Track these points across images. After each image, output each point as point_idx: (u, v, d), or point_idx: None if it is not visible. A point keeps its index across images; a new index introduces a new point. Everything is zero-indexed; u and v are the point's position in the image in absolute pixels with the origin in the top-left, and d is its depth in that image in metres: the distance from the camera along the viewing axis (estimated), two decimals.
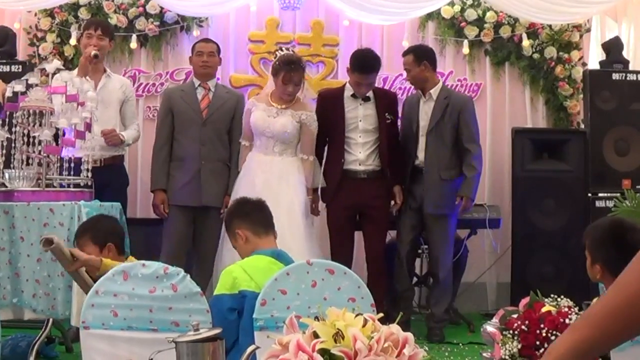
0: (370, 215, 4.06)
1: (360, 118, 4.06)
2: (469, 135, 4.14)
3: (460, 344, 3.92)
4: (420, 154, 4.13)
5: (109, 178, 3.67)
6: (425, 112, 4.15)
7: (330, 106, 4.09)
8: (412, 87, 4.38)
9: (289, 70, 3.83)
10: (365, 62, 4.03)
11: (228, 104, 4.10)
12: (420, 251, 4.40)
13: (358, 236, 4.26)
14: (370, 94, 4.09)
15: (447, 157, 4.11)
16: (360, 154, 4.04)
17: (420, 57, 4.15)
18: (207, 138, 4.01)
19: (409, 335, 1.33)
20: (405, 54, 4.25)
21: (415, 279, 4.44)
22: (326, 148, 4.14)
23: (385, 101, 4.12)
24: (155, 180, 4.06)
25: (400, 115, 4.28)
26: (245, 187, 3.86)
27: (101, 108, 3.78)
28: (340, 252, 3.94)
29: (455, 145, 4.11)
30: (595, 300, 2.08)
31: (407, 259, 4.20)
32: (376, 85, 4.88)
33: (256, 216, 2.49)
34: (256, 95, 4.26)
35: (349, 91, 4.11)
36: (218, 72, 4.85)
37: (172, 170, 4.04)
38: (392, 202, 4.12)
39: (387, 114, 4.08)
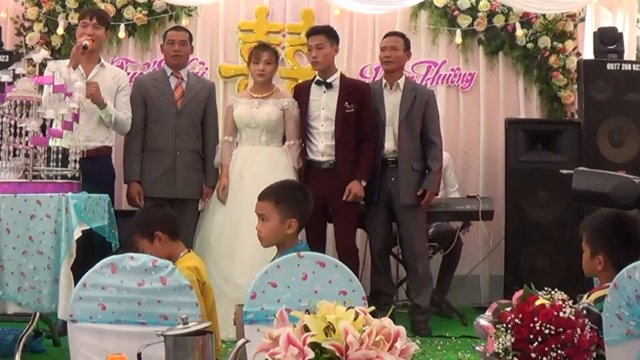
0: (336, 208, 4.00)
1: (323, 106, 4.02)
2: (434, 128, 4.15)
3: (453, 338, 3.90)
4: (388, 145, 4.08)
5: (92, 170, 3.59)
6: (392, 102, 4.11)
7: (299, 96, 4.09)
8: (384, 69, 4.22)
9: (258, 49, 3.99)
10: (312, 27, 4.17)
11: (201, 94, 4.06)
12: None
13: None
14: (336, 82, 4.04)
15: (417, 149, 4.10)
16: (322, 143, 4.00)
17: (407, 45, 4.18)
18: (182, 129, 3.97)
19: (401, 328, 1.31)
20: (394, 34, 4.24)
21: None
22: None
23: (348, 89, 4.03)
24: (129, 171, 3.99)
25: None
26: (233, 177, 3.91)
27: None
28: (309, 243, 3.88)
29: (420, 137, 4.11)
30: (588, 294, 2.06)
31: (381, 255, 4.16)
32: (366, 74, 4.86)
33: (308, 216, 2.44)
34: (237, 93, 4.32)
35: (316, 80, 4.08)
36: (207, 62, 4.84)
37: (146, 161, 3.97)
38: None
39: (347, 103, 3.99)
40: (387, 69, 4.15)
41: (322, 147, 4.00)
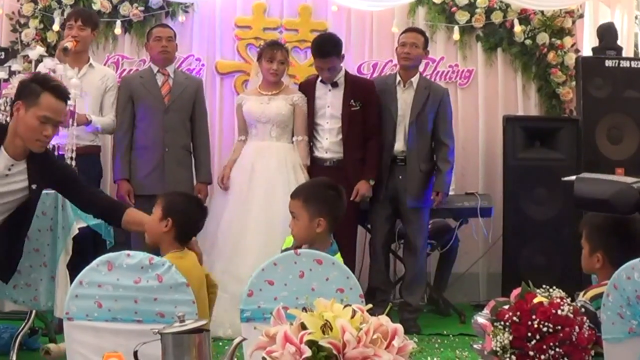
0: None
1: (328, 104, 4.04)
2: (446, 129, 4.13)
3: (451, 335, 3.90)
4: (398, 144, 4.07)
5: (79, 168, 3.55)
6: (405, 100, 4.10)
7: (304, 94, 4.09)
8: (400, 66, 4.19)
9: (272, 48, 3.97)
10: (321, 46, 4.05)
11: (188, 90, 4.07)
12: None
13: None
14: (341, 80, 4.05)
15: (426, 149, 4.09)
16: (327, 140, 4.01)
17: (426, 44, 4.17)
18: (170, 125, 3.97)
19: (399, 326, 1.30)
20: (414, 30, 4.22)
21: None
22: None
23: (353, 88, 4.04)
24: (117, 170, 3.99)
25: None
26: (242, 172, 3.93)
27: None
28: None
29: (431, 137, 4.09)
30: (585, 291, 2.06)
31: (382, 252, 4.15)
32: (364, 71, 4.85)
33: (340, 216, 2.41)
34: (244, 91, 4.34)
35: (321, 78, 4.09)
36: (203, 58, 4.82)
37: (135, 159, 3.98)
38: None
39: (352, 100, 4.00)
40: (405, 65, 4.11)
41: (327, 144, 4.02)
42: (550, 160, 4.56)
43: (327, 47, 4.03)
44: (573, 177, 2.52)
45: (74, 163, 3.24)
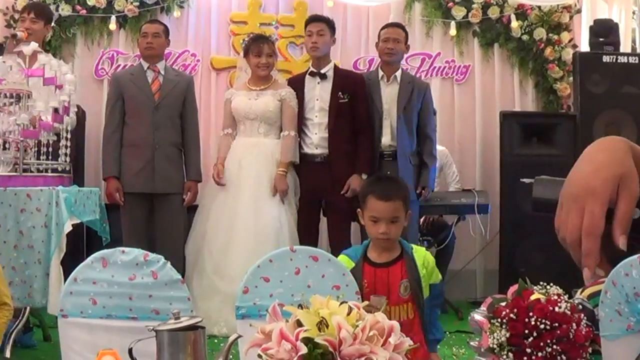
0: (331, 202, 3.97)
1: (317, 97, 4.03)
2: (430, 122, 4.14)
3: (448, 333, 3.87)
4: (385, 138, 4.06)
5: None
6: (389, 94, 4.09)
7: (294, 89, 4.07)
8: (381, 62, 4.20)
9: (258, 42, 3.96)
10: (314, 16, 4.16)
11: (179, 87, 4.04)
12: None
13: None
14: (330, 72, 4.03)
15: (414, 143, 4.09)
16: (316, 135, 4.00)
17: (407, 38, 4.16)
18: (160, 122, 3.95)
19: (395, 323, 1.29)
20: (395, 25, 4.20)
21: None
22: None
23: (341, 80, 4.03)
24: (107, 167, 3.97)
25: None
26: (230, 169, 3.90)
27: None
28: (303, 236, 3.87)
29: (417, 131, 4.09)
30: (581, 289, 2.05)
31: None
32: (360, 67, 4.84)
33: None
34: (234, 86, 4.32)
35: (310, 71, 4.08)
36: (198, 54, 4.81)
37: (124, 156, 3.95)
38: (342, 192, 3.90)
39: (341, 93, 3.99)
40: (388, 60, 4.11)
41: (317, 139, 3.99)
42: (548, 157, 4.55)
43: (319, 16, 4.13)
44: (531, 180, 2.47)
45: (68, 159, 3.22)
